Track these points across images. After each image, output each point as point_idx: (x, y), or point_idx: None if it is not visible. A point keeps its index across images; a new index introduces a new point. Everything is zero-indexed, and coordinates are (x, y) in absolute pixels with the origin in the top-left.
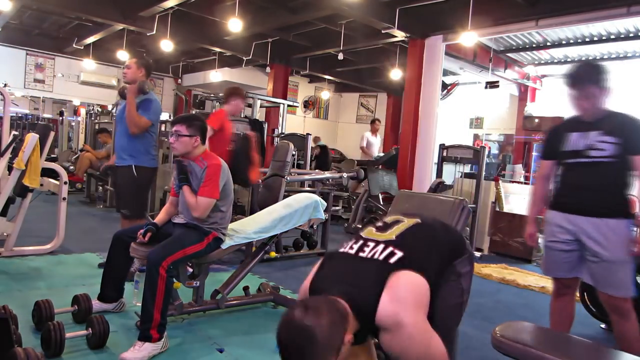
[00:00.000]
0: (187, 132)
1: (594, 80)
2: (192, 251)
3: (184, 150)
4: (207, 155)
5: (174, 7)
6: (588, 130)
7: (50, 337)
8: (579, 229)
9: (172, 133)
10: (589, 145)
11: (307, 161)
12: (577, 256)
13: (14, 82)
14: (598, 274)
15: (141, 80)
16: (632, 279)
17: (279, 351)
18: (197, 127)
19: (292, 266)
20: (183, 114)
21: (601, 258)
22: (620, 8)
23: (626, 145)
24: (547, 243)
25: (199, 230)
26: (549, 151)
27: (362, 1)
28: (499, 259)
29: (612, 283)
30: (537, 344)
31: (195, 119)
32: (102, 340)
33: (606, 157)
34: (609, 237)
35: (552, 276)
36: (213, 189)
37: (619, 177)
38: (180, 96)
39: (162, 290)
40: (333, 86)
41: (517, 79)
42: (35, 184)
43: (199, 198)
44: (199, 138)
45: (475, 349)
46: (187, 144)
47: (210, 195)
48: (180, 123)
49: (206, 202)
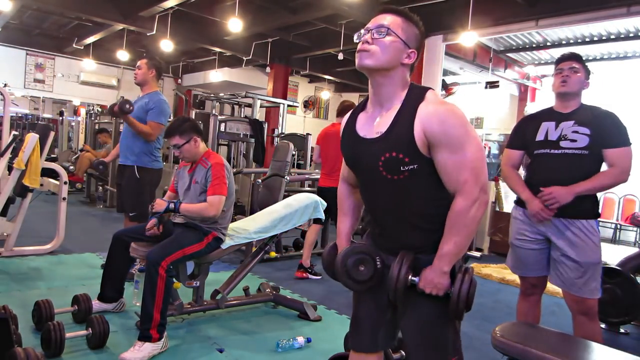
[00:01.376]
0: (183, 139)
1: (582, 63)
2: (191, 251)
3: (193, 156)
4: (209, 154)
5: (174, 7)
6: (561, 120)
7: (50, 337)
8: (548, 229)
9: (172, 147)
10: (561, 135)
11: (307, 161)
12: (546, 255)
13: (14, 82)
14: (567, 275)
15: (139, 84)
16: (600, 280)
17: None
18: (189, 129)
19: (292, 266)
20: (170, 125)
21: (571, 259)
22: (620, 8)
23: (599, 138)
24: (515, 241)
25: (199, 230)
26: (518, 141)
27: (362, 1)
28: (499, 259)
29: (582, 285)
30: (537, 344)
31: (183, 123)
32: (102, 340)
33: (578, 149)
34: (583, 238)
35: (520, 275)
36: (221, 186)
37: (590, 172)
38: (180, 96)
39: (162, 290)
40: (333, 86)
41: (517, 79)
42: (35, 184)
43: (210, 198)
44: (196, 137)
45: (475, 349)
46: (191, 150)
47: (220, 193)
48: (173, 136)
49: (217, 199)
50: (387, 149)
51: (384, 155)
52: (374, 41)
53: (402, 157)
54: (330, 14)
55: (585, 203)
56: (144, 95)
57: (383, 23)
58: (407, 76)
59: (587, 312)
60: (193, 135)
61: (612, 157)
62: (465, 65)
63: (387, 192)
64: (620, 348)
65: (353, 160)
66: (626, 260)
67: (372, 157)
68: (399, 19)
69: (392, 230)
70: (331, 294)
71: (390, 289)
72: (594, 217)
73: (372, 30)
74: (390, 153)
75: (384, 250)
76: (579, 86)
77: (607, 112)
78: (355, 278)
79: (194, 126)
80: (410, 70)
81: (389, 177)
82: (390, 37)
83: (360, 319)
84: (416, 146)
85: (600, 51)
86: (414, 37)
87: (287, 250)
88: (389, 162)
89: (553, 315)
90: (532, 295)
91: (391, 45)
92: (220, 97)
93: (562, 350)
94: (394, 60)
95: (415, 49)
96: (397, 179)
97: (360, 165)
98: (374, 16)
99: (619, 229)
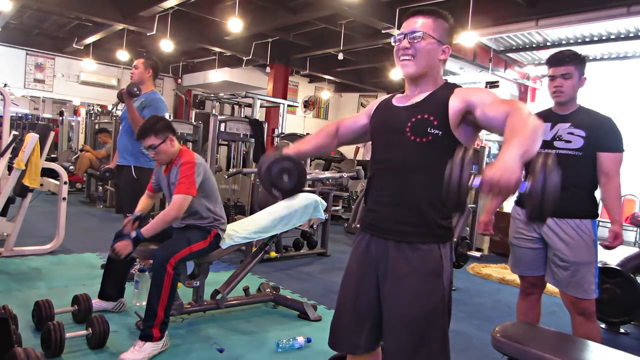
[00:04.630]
0: (159, 139)
1: (576, 62)
2: (197, 248)
3: (169, 157)
4: (182, 153)
5: (174, 7)
6: (557, 122)
7: (50, 337)
8: (545, 228)
9: (147, 149)
10: (555, 135)
11: (307, 161)
12: (544, 254)
13: (14, 82)
14: (562, 275)
15: (135, 82)
16: (596, 280)
17: None
18: (164, 127)
19: (292, 266)
20: (143, 125)
21: (567, 259)
22: (620, 8)
23: (595, 141)
24: (513, 240)
25: (202, 228)
26: None
27: (362, 1)
28: (499, 259)
29: (578, 285)
30: (537, 344)
31: (157, 122)
32: (102, 340)
33: (572, 150)
34: (574, 237)
35: (518, 274)
36: (187, 185)
37: (584, 174)
38: (180, 96)
39: (168, 287)
40: (333, 86)
41: (517, 79)
42: (35, 184)
43: (174, 196)
44: (171, 135)
45: (475, 349)
46: (167, 150)
47: (185, 192)
48: (148, 136)
49: (180, 199)
50: (419, 112)
51: (414, 117)
52: (412, 46)
53: (431, 120)
54: (330, 14)
55: (581, 203)
56: (141, 95)
57: (416, 27)
58: (441, 70)
59: (583, 312)
60: (168, 134)
61: (606, 161)
62: (465, 65)
63: (407, 154)
64: (620, 348)
65: (382, 125)
66: (626, 260)
67: (402, 120)
68: (429, 20)
69: (394, 201)
70: (331, 294)
71: (451, 191)
72: (591, 217)
73: (407, 34)
74: (422, 115)
75: (370, 230)
76: (573, 92)
77: (605, 116)
78: (278, 186)
79: (168, 125)
80: (444, 63)
81: (412, 139)
82: (425, 40)
83: (343, 316)
84: (447, 113)
85: (600, 51)
86: (445, 33)
87: (287, 250)
88: (417, 123)
89: (553, 315)
90: (532, 294)
91: (427, 48)
92: (220, 97)
93: (561, 350)
94: (432, 61)
95: (448, 44)
96: (419, 142)
97: (388, 128)
98: (405, 19)
99: None
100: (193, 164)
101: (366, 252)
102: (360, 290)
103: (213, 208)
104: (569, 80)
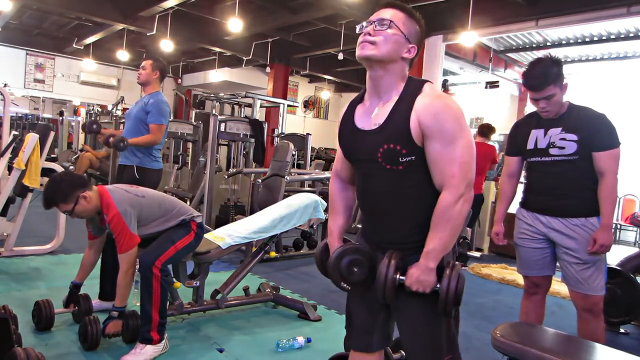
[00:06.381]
0: (70, 203)
1: (552, 80)
2: (183, 244)
3: (92, 212)
4: (103, 204)
5: (174, 7)
6: (549, 127)
7: (87, 331)
8: (550, 229)
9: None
10: (549, 143)
11: (307, 161)
12: (549, 254)
13: (14, 82)
14: (571, 272)
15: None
16: (605, 276)
17: None
18: (69, 187)
19: (292, 266)
20: (45, 194)
21: (575, 257)
22: (620, 8)
23: (588, 142)
24: (518, 241)
25: (180, 225)
26: (514, 147)
27: (362, 1)
28: (499, 259)
29: (586, 282)
30: (537, 344)
31: (59, 185)
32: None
33: (568, 156)
34: (582, 235)
35: (523, 274)
36: (128, 240)
37: (584, 174)
38: (180, 96)
39: (158, 290)
40: (333, 86)
41: (517, 79)
42: (35, 184)
43: (120, 257)
44: (81, 192)
45: (475, 349)
46: (86, 208)
47: (128, 249)
48: (56, 204)
49: (126, 256)
50: (385, 140)
51: (382, 147)
52: (376, 33)
53: (399, 149)
54: (330, 14)
55: (584, 203)
56: (145, 96)
57: (385, 16)
58: (406, 70)
59: (592, 309)
60: (77, 193)
61: (601, 160)
62: (465, 65)
63: (385, 182)
64: (620, 348)
65: (352, 151)
66: (626, 260)
67: (371, 149)
68: (401, 14)
69: (384, 224)
70: (331, 294)
71: (379, 290)
72: (597, 214)
73: (374, 22)
74: (389, 145)
75: (373, 245)
76: (559, 105)
77: (596, 113)
78: (348, 280)
79: (72, 183)
80: (409, 66)
81: (387, 167)
82: (392, 30)
83: (353, 320)
84: (412, 138)
85: (600, 51)
86: (414, 33)
87: (287, 250)
88: (387, 153)
89: (553, 316)
90: (535, 294)
91: (393, 37)
92: (220, 97)
93: (562, 351)
94: (395, 52)
95: (415, 45)
96: (396, 169)
97: (359, 156)
98: (377, 10)
99: (619, 229)
100: (119, 216)
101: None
102: (369, 295)
103: (169, 213)
104: (553, 99)
